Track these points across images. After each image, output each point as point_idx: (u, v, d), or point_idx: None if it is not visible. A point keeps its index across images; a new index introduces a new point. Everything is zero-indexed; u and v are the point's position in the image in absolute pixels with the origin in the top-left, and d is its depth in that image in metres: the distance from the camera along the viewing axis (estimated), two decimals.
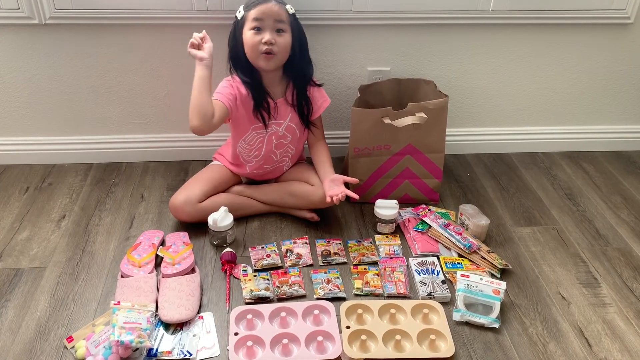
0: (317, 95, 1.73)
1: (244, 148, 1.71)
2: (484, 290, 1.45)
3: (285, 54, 1.59)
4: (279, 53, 1.57)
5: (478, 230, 1.66)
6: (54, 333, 1.34)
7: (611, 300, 1.50)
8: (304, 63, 1.66)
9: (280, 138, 1.72)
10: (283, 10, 1.56)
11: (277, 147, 1.73)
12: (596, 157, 2.18)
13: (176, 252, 1.54)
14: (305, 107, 1.70)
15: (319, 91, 1.73)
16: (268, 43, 1.54)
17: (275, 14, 1.54)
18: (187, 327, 1.36)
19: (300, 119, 1.71)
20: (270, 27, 1.55)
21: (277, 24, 1.55)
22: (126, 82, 1.91)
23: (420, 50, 1.95)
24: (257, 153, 1.72)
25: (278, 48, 1.56)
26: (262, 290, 1.46)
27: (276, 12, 1.54)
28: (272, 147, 1.72)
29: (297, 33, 1.61)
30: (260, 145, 1.71)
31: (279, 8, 1.55)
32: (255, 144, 1.71)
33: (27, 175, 1.95)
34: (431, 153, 1.78)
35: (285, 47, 1.58)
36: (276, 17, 1.55)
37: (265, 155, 1.73)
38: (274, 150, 1.73)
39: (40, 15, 1.74)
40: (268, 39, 1.54)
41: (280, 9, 1.56)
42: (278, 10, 1.55)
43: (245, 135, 1.69)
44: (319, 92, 1.73)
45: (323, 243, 1.66)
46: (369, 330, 1.35)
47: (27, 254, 1.59)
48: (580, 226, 1.78)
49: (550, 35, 1.97)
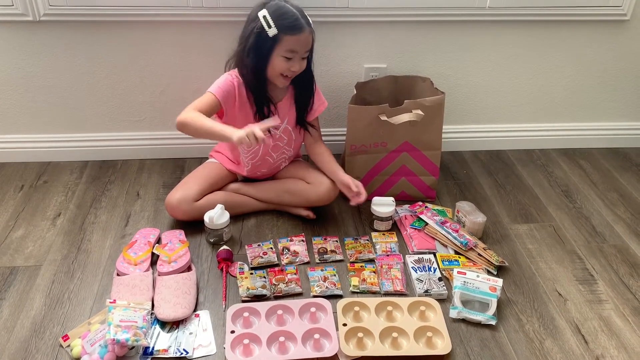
0: (315, 98, 1.71)
1: (242, 148, 1.70)
2: (480, 287, 1.45)
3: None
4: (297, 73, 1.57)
5: (475, 227, 1.66)
6: (50, 332, 1.34)
7: (607, 297, 1.50)
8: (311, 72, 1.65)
9: (276, 140, 1.71)
10: (312, 37, 1.54)
11: (274, 149, 1.72)
12: (593, 154, 2.18)
13: (172, 250, 1.53)
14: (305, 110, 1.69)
15: (317, 94, 1.72)
16: (296, 72, 1.55)
17: (308, 46, 1.53)
18: (183, 325, 1.36)
19: (297, 120, 1.70)
20: (300, 56, 1.54)
21: (305, 53, 1.55)
22: (121, 79, 1.90)
23: (417, 47, 1.94)
24: (253, 155, 1.71)
25: (300, 71, 1.57)
26: (258, 288, 1.46)
27: (309, 42, 1.53)
28: (269, 149, 1.71)
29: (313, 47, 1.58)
30: (257, 147, 1.69)
31: (311, 36, 1.53)
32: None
33: (22, 173, 1.94)
34: (428, 150, 1.77)
35: (304, 68, 1.58)
36: (307, 48, 1.54)
37: (262, 157, 1.72)
38: (271, 152, 1.72)
39: (34, 12, 1.72)
40: (297, 69, 1.54)
41: (312, 38, 1.54)
42: (310, 40, 1.53)
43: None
44: (317, 94, 1.72)
45: (320, 240, 1.66)
46: (365, 327, 1.34)
47: (22, 252, 1.58)
48: (577, 223, 1.78)
49: (546, 32, 1.97)
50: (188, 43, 1.85)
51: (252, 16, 1.52)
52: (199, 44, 1.85)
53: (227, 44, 1.84)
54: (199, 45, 1.85)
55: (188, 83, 1.92)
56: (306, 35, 1.51)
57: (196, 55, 1.88)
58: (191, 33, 1.83)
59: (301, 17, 1.50)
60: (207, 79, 1.90)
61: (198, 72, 1.90)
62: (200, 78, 1.91)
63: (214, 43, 1.85)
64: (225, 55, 1.85)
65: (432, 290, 1.47)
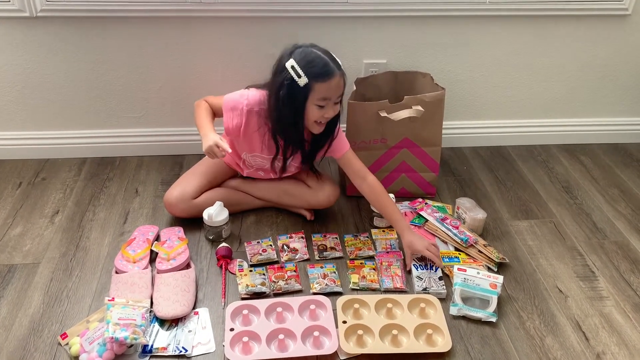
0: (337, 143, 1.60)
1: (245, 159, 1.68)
2: (481, 284, 1.44)
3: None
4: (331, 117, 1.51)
5: (475, 223, 1.65)
6: (48, 330, 1.33)
7: (608, 293, 1.49)
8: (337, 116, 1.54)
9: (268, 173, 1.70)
10: (344, 81, 1.47)
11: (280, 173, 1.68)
12: (593, 150, 2.17)
13: (171, 248, 1.52)
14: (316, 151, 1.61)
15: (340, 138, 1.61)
16: (329, 118, 1.49)
17: (340, 90, 1.46)
18: (182, 323, 1.35)
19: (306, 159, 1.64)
20: (333, 102, 1.47)
21: (338, 99, 1.48)
22: (119, 75, 1.88)
23: (417, 43, 1.93)
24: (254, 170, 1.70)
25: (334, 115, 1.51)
26: (258, 285, 1.45)
27: (341, 87, 1.46)
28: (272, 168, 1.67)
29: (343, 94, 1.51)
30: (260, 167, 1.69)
31: (342, 80, 1.46)
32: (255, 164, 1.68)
33: (20, 170, 1.93)
34: (428, 146, 1.76)
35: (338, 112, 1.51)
36: (340, 92, 1.47)
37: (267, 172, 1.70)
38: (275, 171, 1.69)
39: (31, 8, 1.71)
40: (330, 115, 1.48)
41: (343, 82, 1.47)
42: (342, 85, 1.46)
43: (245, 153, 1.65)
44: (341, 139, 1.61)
45: (319, 237, 1.65)
46: (365, 325, 1.34)
47: (20, 249, 1.57)
48: (578, 219, 1.78)
49: (547, 27, 1.95)
50: (186, 39, 1.83)
51: (281, 67, 1.45)
52: (197, 40, 1.84)
53: (225, 40, 1.84)
54: (197, 42, 1.84)
55: (186, 79, 1.91)
56: (337, 80, 1.44)
57: (194, 51, 1.86)
58: (189, 29, 1.82)
59: (330, 61, 1.43)
60: (205, 76, 1.90)
61: (196, 69, 1.89)
62: (199, 74, 1.90)
63: (213, 39, 1.84)
64: (224, 52, 1.86)
65: (431, 288, 1.46)
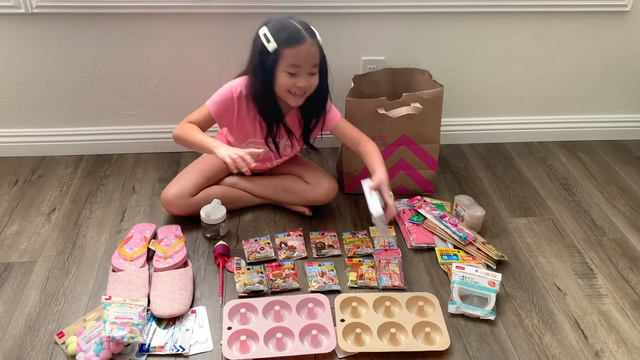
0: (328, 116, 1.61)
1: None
2: (479, 282, 1.44)
3: (313, 89, 1.51)
4: (308, 90, 1.50)
5: (473, 221, 1.65)
6: (45, 329, 1.32)
7: (607, 291, 1.49)
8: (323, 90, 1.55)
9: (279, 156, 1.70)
10: (317, 49, 1.44)
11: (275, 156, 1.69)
12: (592, 147, 2.17)
13: (168, 246, 1.52)
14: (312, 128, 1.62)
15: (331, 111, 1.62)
16: (302, 88, 1.46)
17: (311, 59, 1.44)
18: (179, 321, 1.35)
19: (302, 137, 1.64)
20: (306, 72, 1.45)
21: (312, 69, 1.46)
22: (116, 72, 1.87)
23: (415, 39, 1.92)
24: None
25: (311, 88, 1.49)
26: (255, 283, 1.45)
27: (312, 56, 1.43)
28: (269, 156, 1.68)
29: (324, 62, 1.50)
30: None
31: (315, 50, 1.43)
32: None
33: (17, 167, 1.92)
34: (426, 144, 1.76)
35: (316, 84, 1.50)
36: (312, 62, 1.44)
37: (263, 161, 1.69)
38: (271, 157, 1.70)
39: (27, 4, 1.70)
40: (303, 85, 1.45)
41: (316, 50, 1.44)
42: (314, 53, 1.44)
43: (241, 144, 1.64)
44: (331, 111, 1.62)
45: (317, 235, 1.64)
46: (363, 323, 1.33)
47: (16, 248, 1.56)
48: (576, 217, 1.77)
49: (546, 24, 1.94)
50: (183, 35, 1.82)
51: (255, 36, 1.46)
52: (194, 36, 1.82)
53: (223, 36, 1.83)
54: (194, 38, 1.83)
55: (184, 76, 1.90)
56: (308, 47, 1.41)
57: (192, 47, 1.85)
58: (187, 25, 1.80)
59: (303, 29, 1.42)
60: (202, 72, 1.89)
61: (194, 65, 1.88)
62: (196, 71, 1.89)
63: (210, 35, 1.82)
64: (221, 48, 1.84)
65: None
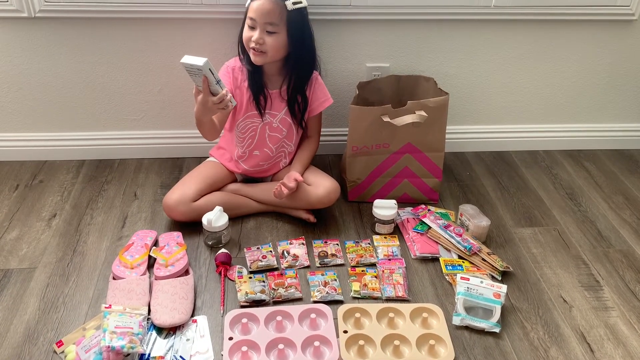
0: (318, 94, 1.69)
1: (238, 136, 1.69)
2: (484, 293, 1.42)
3: (276, 53, 1.55)
4: (268, 52, 1.54)
5: (478, 231, 1.63)
6: (43, 337, 1.30)
7: (614, 304, 1.47)
8: (305, 60, 1.62)
9: (274, 130, 1.68)
10: (277, 9, 1.49)
11: (272, 140, 1.70)
12: (598, 156, 2.15)
13: (169, 253, 1.50)
14: (299, 104, 1.67)
15: (321, 89, 1.69)
16: (256, 42, 1.52)
17: (266, 15, 1.49)
18: (180, 331, 1.33)
19: (291, 114, 1.68)
20: (261, 27, 1.51)
21: (268, 26, 1.51)
22: (119, 76, 1.86)
23: (420, 47, 1.91)
24: (250, 142, 1.69)
25: (267, 47, 1.53)
26: (257, 292, 1.43)
27: (267, 12, 1.49)
28: (266, 139, 1.69)
29: (296, 31, 1.54)
30: (253, 133, 1.68)
31: (271, 7, 1.49)
32: (247, 131, 1.68)
33: (18, 172, 1.90)
34: (431, 152, 1.74)
35: (276, 47, 1.54)
36: (267, 19, 1.50)
37: (260, 147, 1.69)
38: (269, 145, 1.70)
39: (29, 9, 1.69)
40: (255, 38, 1.52)
41: (274, 9, 1.49)
42: (270, 10, 1.49)
43: (239, 121, 1.67)
44: (321, 90, 1.70)
45: (320, 244, 1.63)
46: (366, 335, 1.31)
47: (16, 254, 1.55)
48: (582, 227, 1.75)
49: (552, 32, 1.93)
50: (187, 41, 1.81)
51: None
52: (197, 41, 1.81)
53: (226, 41, 1.81)
54: (197, 43, 1.82)
55: (186, 81, 1.86)
56: (263, 3, 1.49)
57: (195, 53, 1.81)
58: (190, 30, 1.79)
59: None
60: None
61: None
62: None
63: (213, 41, 1.81)
64: (224, 53, 1.83)
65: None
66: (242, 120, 1.67)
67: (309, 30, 1.60)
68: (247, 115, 1.66)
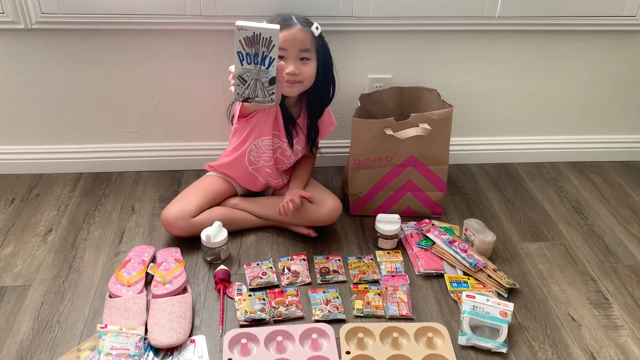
0: (325, 118, 1.68)
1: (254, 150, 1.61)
2: (490, 312, 1.38)
3: (311, 81, 1.52)
4: (305, 80, 1.50)
5: (484, 246, 1.59)
6: (37, 358, 1.26)
7: (623, 322, 1.43)
8: (326, 85, 1.59)
9: (283, 155, 1.66)
10: (308, 36, 1.47)
11: (277, 162, 1.66)
12: (604, 168, 2.11)
13: (167, 270, 1.46)
14: (313, 132, 1.66)
15: (327, 114, 1.68)
16: (292, 74, 1.47)
17: (299, 43, 1.45)
18: (178, 351, 1.29)
19: (306, 141, 1.66)
20: (294, 57, 1.46)
21: (302, 53, 1.47)
22: (117, 89, 1.83)
23: (423, 58, 1.88)
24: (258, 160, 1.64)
25: (303, 76, 1.49)
26: (257, 311, 1.39)
27: (300, 40, 1.45)
28: (272, 161, 1.64)
29: (322, 57, 1.52)
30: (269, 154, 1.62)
31: (304, 35, 1.45)
32: (264, 150, 1.61)
33: (14, 185, 1.87)
34: (434, 165, 1.71)
35: (311, 75, 1.50)
36: (300, 46, 1.46)
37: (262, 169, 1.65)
38: (272, 165, 1.65)
39: (26, 20, 1.66)
40: (292, 70, 1.46)
41: (305, 36, 1.46)
42: (303, 38, 1.45)
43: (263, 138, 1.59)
44: (328, 114, 1.68)
45: (321, 259, 1.59)
46: (370, 355, 1.27)
47: (10, 270, 1.51)
48: (589, 242, 1.71)
49: (557, 42, 1.90)
50: (185, 52, 1.78)
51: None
52: (196, 53, 1.78)
53: (226, 53, 1.78)
54: (196, 55, 1.79)
55: (185, 94, 1.86)
56: (295, 32, 1.44)
57: (194, 65, 1.81)
58: (189, 42, 1.76)
59: (296, 18, 1.47)
60: (205, 90, 1.85)
61: (196, 83, 1.84)
62: (198, 88, 1.85)
63: (213, 52, 1.78)
64: (224, 65, 1.80)
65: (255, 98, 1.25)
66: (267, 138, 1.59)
67: (331, 57, 1.57)
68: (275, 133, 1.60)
